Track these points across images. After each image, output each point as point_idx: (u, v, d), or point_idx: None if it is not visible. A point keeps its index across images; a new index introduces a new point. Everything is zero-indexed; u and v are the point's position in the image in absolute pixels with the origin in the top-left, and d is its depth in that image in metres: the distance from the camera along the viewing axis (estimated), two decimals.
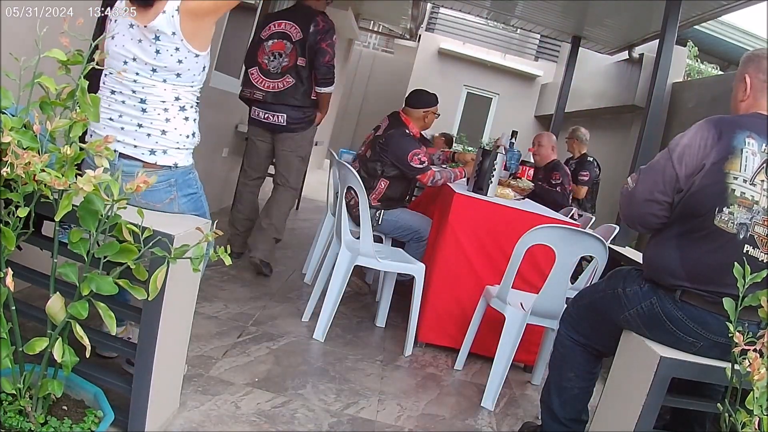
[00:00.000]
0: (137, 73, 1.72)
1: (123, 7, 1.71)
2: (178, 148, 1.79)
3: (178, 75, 1.74)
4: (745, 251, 1.62)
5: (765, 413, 1.31)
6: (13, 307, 1.32)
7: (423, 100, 3.39)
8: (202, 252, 1.39)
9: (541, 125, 11.35)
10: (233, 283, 3.30)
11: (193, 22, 1.71)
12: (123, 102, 1.74)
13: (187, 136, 1.81)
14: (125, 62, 1.72)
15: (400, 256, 3.09)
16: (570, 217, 3.68)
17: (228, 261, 1.38)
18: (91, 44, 1.31)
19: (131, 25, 1.71)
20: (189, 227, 1.64)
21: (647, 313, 1.74)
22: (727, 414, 1.39)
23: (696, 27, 6.16)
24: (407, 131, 3.27)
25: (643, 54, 6.45)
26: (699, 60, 7.93)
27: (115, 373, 1.78)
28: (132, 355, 1.63)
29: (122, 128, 1.74)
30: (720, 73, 7.91)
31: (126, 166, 1.70)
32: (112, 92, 1.75)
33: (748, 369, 1.31)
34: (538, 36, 10.60)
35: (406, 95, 3.55)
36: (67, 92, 1.31)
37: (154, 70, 1.72)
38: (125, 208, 1.33)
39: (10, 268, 1.24)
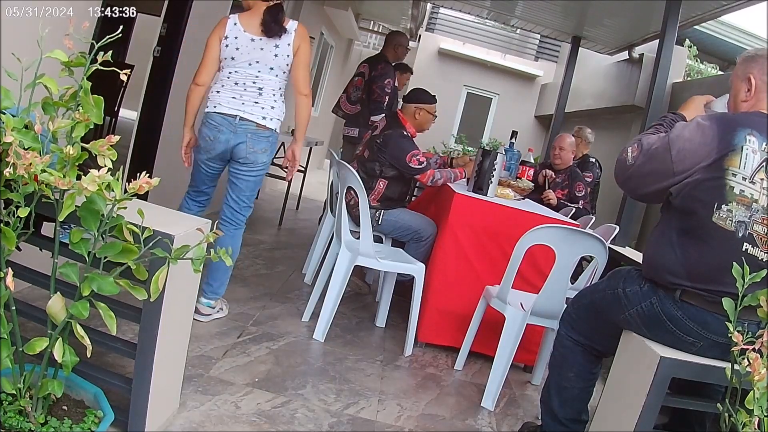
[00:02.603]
0: (259, 71, 2.52)
1: (240, 29, 2.49)
2: (278, 119, 2.59)
3: (283, 72, 2.57)
4: (744, 250, 1.61)
5: (765, 413, 1.31)
6: (14, 307, 1.32)
7: (416, 96, 3.37)
8: (203, 252, 1.39)
9: (541, 125, 11.35)
10: (233, 283, 3.29)
11: (299, 42, 2.55)
12: (245, 89, 2.52)
13: (283, 113, 2.62)
14: (249, 64, 2.51)
15: (400, 256, 3.09)
16: (570, 217, 3.68)
17: (229, 262, 1.38)
18: (92, 45, 1.30)
19: (252, 39, 2.49)
20: (189, 227, 1.64)
21: (647, 313, 1.74)
22: (727, 414, 1.39)
23: (696, 27, 6.15)
24: (405, 132, 3.26)
25: (643, 54, 6.44)
26: (699, 60, 7.92)
27: (115, 373, 1.78)
28: (132, 354, 1.63)
29: (243, 103, 2.52)
30: (720, 73, 7.90)
31: (243, 124, 2.51)
32: (236, 83, 2.52)
33: (748, 369, 1.31)
34: (538, 36, 10.58)
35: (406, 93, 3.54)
36: (70, 93, 1.31)
37: (271, 69, 2.53)
38: (125, 208, 1.33)
39: (10, 268, 1.24)
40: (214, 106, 2.52)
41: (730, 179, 1.61)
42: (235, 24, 2.50)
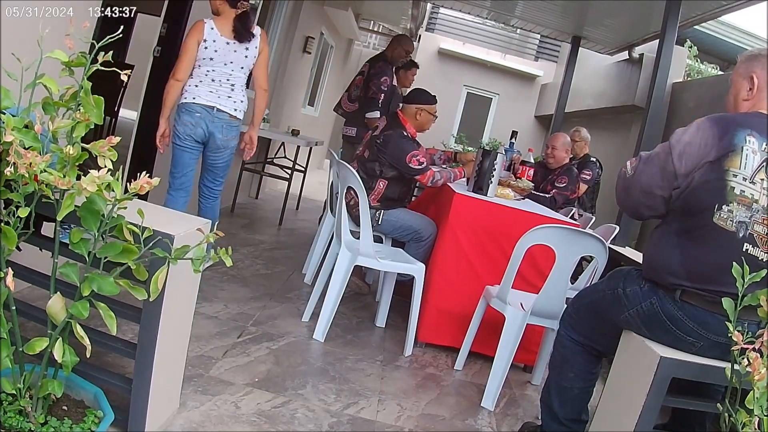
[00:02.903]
0: (232, 70, 2.92)
1: (217, 33, 2.84)
2: (243, 111, 3.02)
3: (249, 70, 2.99)
4: (744, 250, 1.62)
5: (765, 413, 1.31)
6: (13, 307, 1.32)
7: (417, 97, 3.37)
8: (203, 252, 1.39)
9: (541, 125, 11.35)
10: (233, 283, 3.30)
11: (263, 45, 3.00)
12: (220, 85, 2.90)
13: (246, 105, 3.05)
14: (225, 64, 2.89)
15: (400, 256, 3.09)
16: (570, 217, 3.68)
17: (229, 262, 1.38)
18: (92, 45, 1.30)
19: (227, 43, 2.87)
20: (189, 227, 1.64)
21: (647, 313, 1.74)
22: (727, 414, 1.39)
23: (696, 27, 6.15)
24: (405, 133, 3.25)
25: (643, 54, 6.45)
26: (699, 60, 7.92)
27: (115, 373, 1.78)
28: (132, 354, 1.63)
29: (218, 96, 2.91)
30: (720, 73, 7.90)
31: (219, 114, 2.91)
32: (213, 80, 2.89)
33: (748, 369, 1.31)
34: (538, 36, 10.58)
35: (406, 94, 3.54)
36: (70, 93, 1.31)
37: (241, 68, 2.95)
38: (125, 208, 1.33)
39: (10, 268, 1.24)
40: (194, 98, 2.88)
41: (731, 180, 1.61)
42: (212, 29, 2.84)
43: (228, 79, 2.91)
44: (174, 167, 2.98)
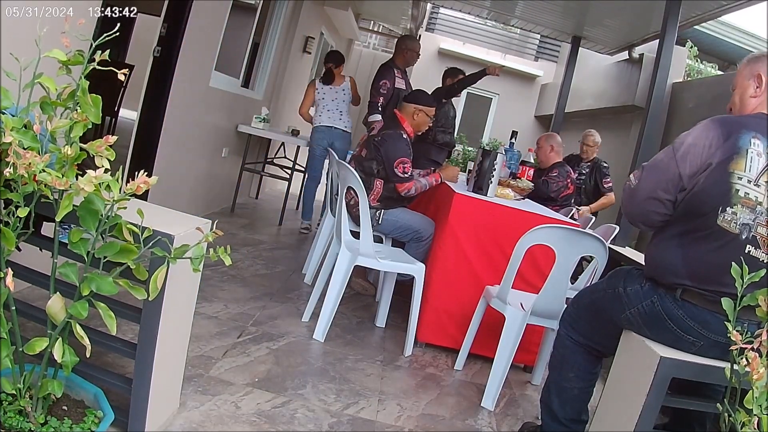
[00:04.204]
0: (338, 104, 5.00)
1: (321, 85, 5.03)
2: (350, 125, 5.04)
3: (348, 102, 5.04)
4: (746, 251, 1.62)
5: (764, 413, 1.31)
6: (13, 307, 1.32)
7: (416, 97, 3.37)
8: (202, 252, 1.39)
9: (541, 125, 11.34)
10: (233, 283, 3.30)
11: (351, 85, 5.08)
12: (332, 113, 4.97)
13: (351, 123, 5.09)
14: (333, 100, 4.99)
15: (400, 256, 3.09)
16: (570, 218, 3.68)
17: (228, 261, 1.37)
18: (91, 44, 1.30)
19: (331, 87, 5.00)
20: (189, 227, 1.64)
21: (648, 312, 1.74)
22: (726, 414, 1.39)
23: (696, 27, 6.15)
24: (404, 135, 3.25)
25: (643, 54, 6.45)
26: (699, 60, 7.92)
27: (115, 373, 1.78)
28: (132, 354, 1.63)
29: (333, 120, 4.96)
30: (720, 73, 7.90)
31: (335, 130, 4.96)
32: (328, 110, 4.98)
33: (747, 368, 1.31)
34: (538, 36, 10.58)
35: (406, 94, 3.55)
36: (68, 92, 1.31)
37: (343, 101, 5.03)
38: (125, 208, 1.33)
39: (10, 268, 1.24)
40: (319, 123, 4.95)
41: (736, 182, 1.61)
42: (320, 82, 5.01)
43: (337, 108, 4.95)
44: (308, 166, 5.15)
